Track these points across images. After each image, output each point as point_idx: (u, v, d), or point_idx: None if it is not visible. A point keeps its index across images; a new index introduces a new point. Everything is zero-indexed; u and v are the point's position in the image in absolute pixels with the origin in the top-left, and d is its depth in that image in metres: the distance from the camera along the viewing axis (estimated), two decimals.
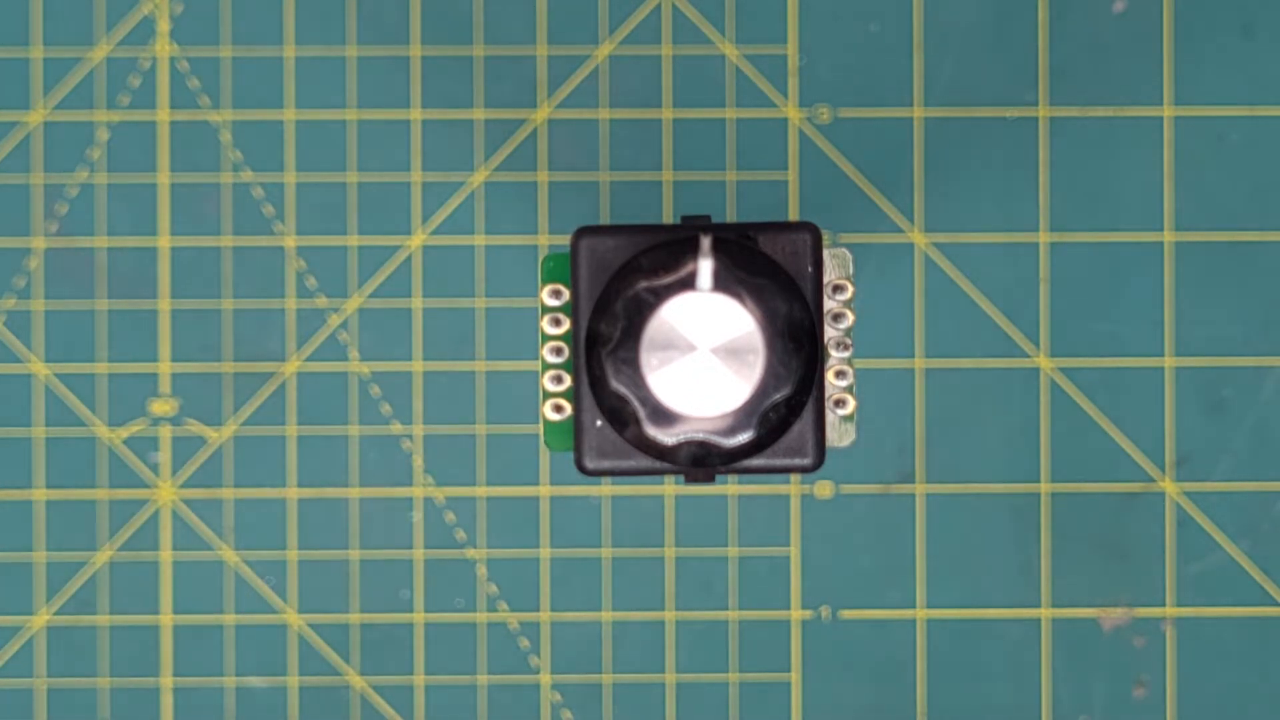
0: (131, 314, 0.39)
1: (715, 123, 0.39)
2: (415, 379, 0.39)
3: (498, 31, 0.39)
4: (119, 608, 0.39)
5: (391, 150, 0.39)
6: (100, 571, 0.39)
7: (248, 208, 0.39)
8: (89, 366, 0.39)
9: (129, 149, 0.39)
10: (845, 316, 0.31)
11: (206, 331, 0.39)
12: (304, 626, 0.39)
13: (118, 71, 0.39)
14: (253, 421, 0.39)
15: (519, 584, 0.39)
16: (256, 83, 0.39)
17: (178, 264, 0.39)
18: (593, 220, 0.39)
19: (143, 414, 0.39)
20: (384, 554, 0.39)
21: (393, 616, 0.39)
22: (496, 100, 0.39)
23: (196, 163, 0.39)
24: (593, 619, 0.39)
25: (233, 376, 0.39)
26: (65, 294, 0.39)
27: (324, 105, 0.39)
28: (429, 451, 0.39)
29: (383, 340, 0.39)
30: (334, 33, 0.39)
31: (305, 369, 0.39)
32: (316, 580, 0.39)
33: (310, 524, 0.39)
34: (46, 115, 0.39)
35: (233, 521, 0.39)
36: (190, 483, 0.39)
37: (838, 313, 0.31)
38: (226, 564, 0.39)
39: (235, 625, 0.39)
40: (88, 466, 0.39)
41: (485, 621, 0.39)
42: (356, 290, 0.39)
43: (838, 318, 0.31)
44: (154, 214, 0.39)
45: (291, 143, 0.39)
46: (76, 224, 0.39)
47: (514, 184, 0.39)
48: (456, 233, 0.39)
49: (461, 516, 0.39)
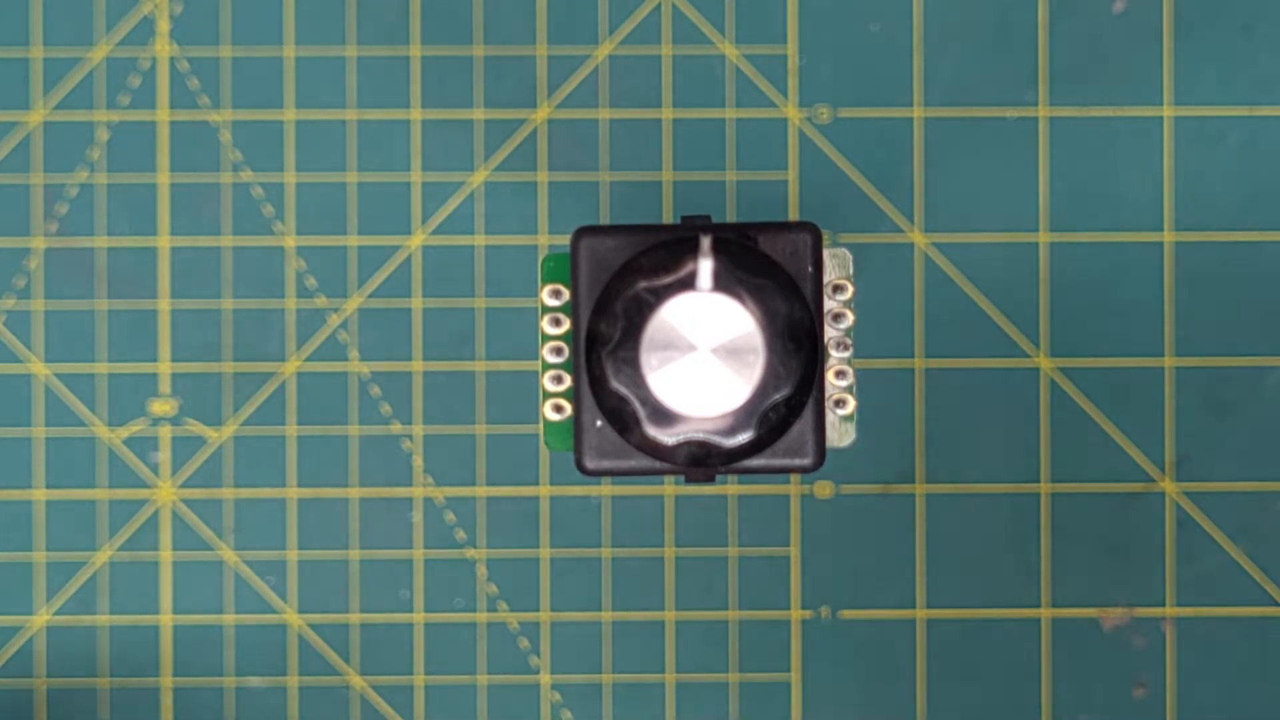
0: (131, 314, 0.39)
1: (715, 123, 0.39)
2: (415, 379, 0.39)
3: (498, 31, 0.39)
4: (119, 608, 0.39)
5: (391, 150, 0.39)
6: (100, 571, 0.39)
7: (248, 208, 0.39)
8: (89, 366, 0.39)
9: (129, 149, 0.39)
10: (845, 316, 0.31)
11: (206, 331, 0.39)
12: (304, 626, 0.39)
13: (118, 71, 0.39)
14: (252, 421, 0.39)
15: (519, 584, 0.39)
16: (256, 83, 0.39)
17: (177, 264, 0.39)
18: (593, 220, 0.39)
19: (143, 414, 0.39)
20: (384, 554, 0.39)
21: (393, 616, 0.39)
22: (496, 100, 0.39)
23: (196, 163, 0.39)
24: (593, 619, 0.39)
25: (232, 376, 0.39)
26: (65, 294, 0.39)
27: (324, 105, 0.39)
28: (429, 451, 0.39)
29: (383, 340, 0.39)
30: (334, 33, 0.39)
31: (305, 369, 0.39)
32: (316, 580, 0.39)
33: (310, 524, 0.39)
34: (46, 115, 0.39)
35: (232, 521, 0.39)
36: (190, 483, 0.39)
37: (838, 313, 0.31)
38: (226, 564, 0.39)
39: (235, 625, 0.39)
40: (88, 466, 0.39)
41: (485, 621, 0.39)
42: (356, 290, 0.39)
43: (838, 318, 0.31)
44: (154, 214, 0.39)
45: (291, 143, 0.39)
46: (76, 224, 0.39)
47: (514, 184, 0.39)
48: (456, 233, 0.39)
49: (461, 516, 0.39)
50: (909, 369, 0.39)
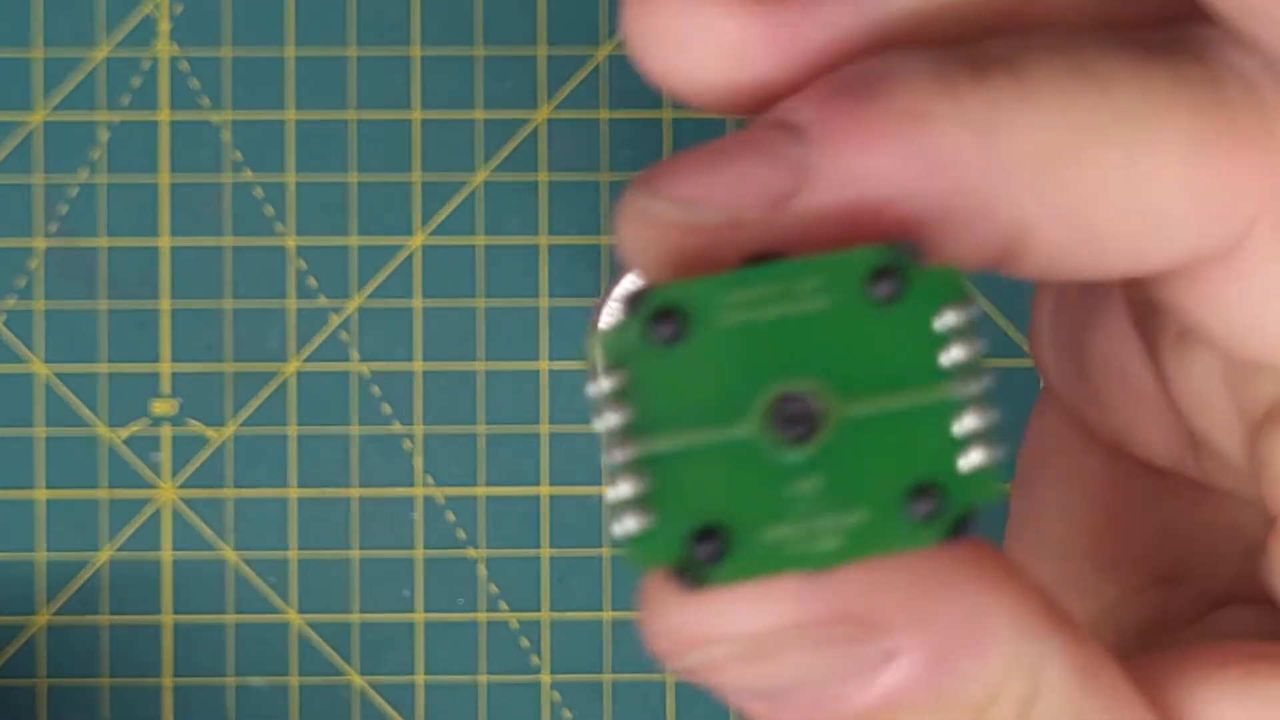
0: (132, 314, 0.39)
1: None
2: (416, 379, 0.39)
3: (498, 32, 0.39)
4: (120, 607, 0.39)
5: (392, 150, 0.39)
6: (101, 571, 0.39)
7: (248, 208, 0.39)
8: (90, 366, 0.39)
9: (130, 149, 0.39)
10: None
11: (207, 331, 0.39)
12: (304, 626, 0.39)
13: (118, 72, 0.39)
14: (253, 421, 0.39)
15: (519, 583, 0.39)
16: (257, 83, 0.39)
17: (178, 264, 0.39)
18: (593, 219, 0.39)
19: (144, 414, 0.39)
20: (384, 554, 0.39)
21: (393, 616, 0.39)
22: (496, 100, 0.39)
23: (197, 163, 0.39)
24: (593, 618, 0.39)
25: (233, 376, 0.39)
26: (66, 294, 0.39)
27: (324, 105, 0.39)
28: (429, 451, 0.39)
29: (383, 340, 0.39)
30: (334, 33, 0.39)
31: (306, 369, 0.39)
32: (317, 580, 0.39)
33: (311, 524, 0.39)
34: (47, 115, 0.39)
35: (233, 521, 0.39)
36: (191, 482, 0.39)
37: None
38: (227, 563, 0.39)
39: (236, 625, 0.39)
40: (89, 466, 0.39)
41: (486, 621, 0.39)
42: (357, 290, 0.39)
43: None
44: (155, 214, 0.39)
45: (292, 143, 0.39)
46: (77, 224, 0.39)
47: (514, 184, 0.39)
48: (456, 233, 0.39)
49: (462, 516, 0.39)
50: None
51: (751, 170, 0.19)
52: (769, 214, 0.19)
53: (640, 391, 0.18)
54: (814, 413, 0.18)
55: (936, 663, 0.20)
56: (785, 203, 0.19)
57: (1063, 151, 0.20)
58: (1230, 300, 0.21)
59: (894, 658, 0.19)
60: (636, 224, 0.19)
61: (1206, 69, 0.20)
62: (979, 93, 0.19)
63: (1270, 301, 0.21)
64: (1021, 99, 0.20)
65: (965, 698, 0.20)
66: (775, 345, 0.18)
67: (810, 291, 0.18)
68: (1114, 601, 0.26)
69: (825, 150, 0.19)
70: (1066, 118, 0.20)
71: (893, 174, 0.19)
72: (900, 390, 0.19)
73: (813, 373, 0.18)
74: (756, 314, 0.18)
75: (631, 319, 0.18)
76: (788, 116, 0.20)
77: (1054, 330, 0.27)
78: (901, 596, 0.19)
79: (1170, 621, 0.25)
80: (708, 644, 0.19)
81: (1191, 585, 0.26)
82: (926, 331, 0.19)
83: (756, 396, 0.18)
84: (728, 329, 0.18)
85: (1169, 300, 0.22)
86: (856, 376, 0.19)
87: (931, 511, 0.19)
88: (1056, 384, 0.27)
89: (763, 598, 0.19)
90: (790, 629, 0.19)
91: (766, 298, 0.18)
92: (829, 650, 0.19)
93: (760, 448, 0.18)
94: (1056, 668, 0.21)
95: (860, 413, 0.19)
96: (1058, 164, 0.20)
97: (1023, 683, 0.20)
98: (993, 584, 0.20)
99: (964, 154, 0.19)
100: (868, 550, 0.19)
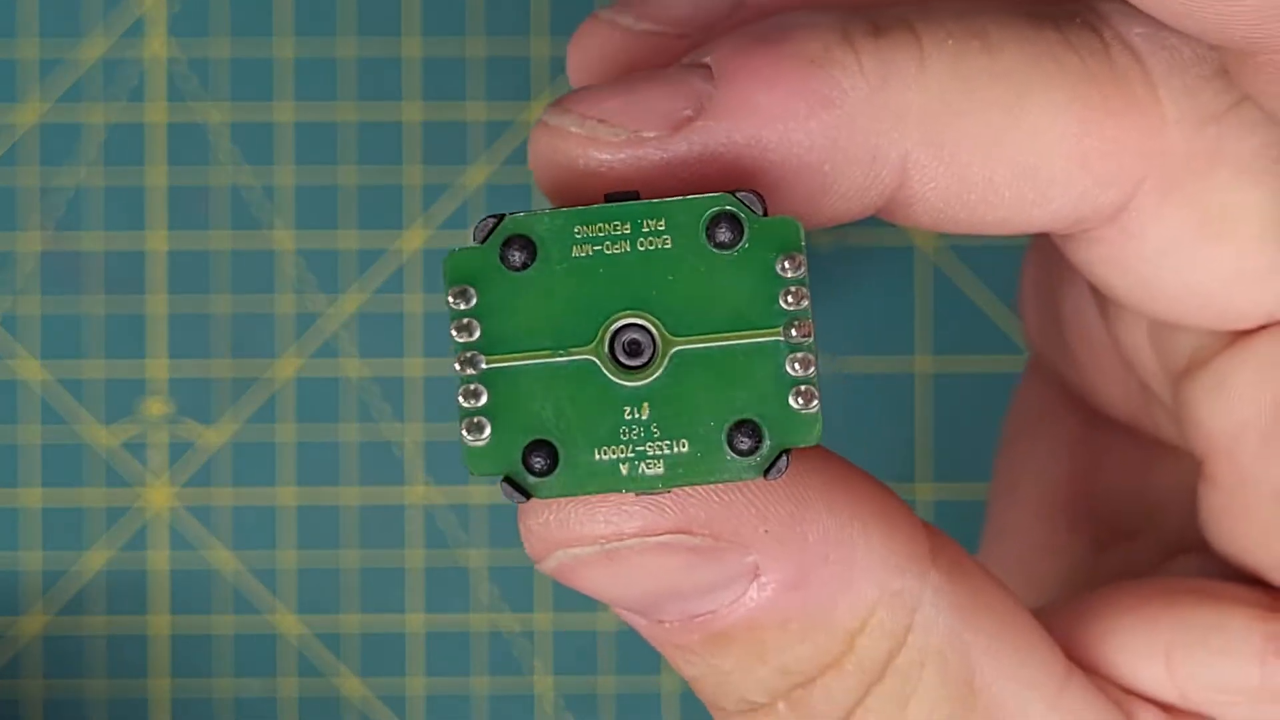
0: (126, 314, 0.39)
1: None
2: (413, 380, 0.39)
3: (497, 30, 0.39)
4: (113, 611, 0.39)
5: (389, 149, 0.39)
6: (94, 574, 0.39)
7: (243, 207, 0.39)
8: (83, 367, 0.39)
9: (123, 147, 0.39)
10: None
11: (201, 332, 0.39)
12: (300, 630, 0.39)
13: (113, 70, 0.39)
14: (248, 423, 0.39)
15: (518, 588, 0.39)
16: (252, 81, 0.39)
17: (172, 264, 0.39)
18: None
19: (137, 415, 0.39)
20: (381, 557, 0.39)
21: (390, 620, 0.39)
22: (496, 99, 0.39)
23: (192, 162, 0.39)
24: (592, 623, 0.39)
25: (229, 378, 0.39)
26: (59, 293, 0.39)
27: (320, 104, 0.39)
28: (428, 453, 0.39)
29: (380, 341, 0.39)
30: (330, 30, 0.39)
31: (301, 370, 0.39)
32: (313, 583, 0.39)
33: (307, 526, 0.39)
34: (41, 113, 0.39)
35: (228, 524, 0.39)
36: (185, 485, 0.39)
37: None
38: (222, 567, 0.39)
39: (231, 629, 0.39)
40: (81, 468, 0.39)
41: (484, 626, 0.39)
42: (353, 291, 0.39)
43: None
44: (148, 213, 0.39)
45: (288, 142, 0.39)
46: (70, 223, 0.39)
47: (514, 184, 0.39)
48: (455, 233, 0.39)
49: (460, 519, 0.39)
50: (909, 369, 0.39)
51: (656, 95, 0.21)
52: (667, 135, 0.21)
53: (489, 312, 0.20)
54: (650, 346, 0.20)
55: (796, 584, 0.21)
56: (683, 127, 0.21)
57: (951, 106, 0.21)
58: (1126, 260, 0.22)
59: (757, 577, 0.21)
60: (544, 139, 0.21)
61: (1096, 38, 0.22)
62: (877, 47, 0.21)
63: (1160, 261, 0.22)
64: (916, 57, 0.21)
65: (834, 624, 0.21)
66: (618, 279, 0.20)
67: (657, 232, 0.20)
68: (1081, 558, 0.28)
69: (727, 84, 0.21)
70: (957, 76, 0.21)
71: (785, 109, 0.21)
72: (732, 332, 0.20)
73: (651, 308, 0.20)
74: (604, 249, 0.20)
75: (485, 244, 0.20)
76: (699, 58, 0.22)
77: (1035, 290, 0.28)
78: (753, 516, 0.21)
79: (1132, 574, 0.26)
80: (561, 546, 0.21)
81: (1149, 537, 0.27)
82: (763, 278, 0.20)
83: (597, 326, 0.20)
84: (574, 260, 0.20)
85: (1077, 261, 0.23)
86: (693, 315, 0.20)
87: (750, 448, 0.20)
88: (1036, 342, 0.28)
89: (607, 507, 0.21)
90: (635, 536, 0.21)
91: (615, 235, 0.20)
92: (682, 559, 0.21)
93: (597, 375, 0.20)
94: (933, 601, 0.21)
95: (693, 349, 0.20)
96: (946, 117, 0.21)
97: (894, 615, 0.21)
98: (856, 515, 0.21)
99: (855, 96, 0.21)
100: (688, 479, 0.20)
